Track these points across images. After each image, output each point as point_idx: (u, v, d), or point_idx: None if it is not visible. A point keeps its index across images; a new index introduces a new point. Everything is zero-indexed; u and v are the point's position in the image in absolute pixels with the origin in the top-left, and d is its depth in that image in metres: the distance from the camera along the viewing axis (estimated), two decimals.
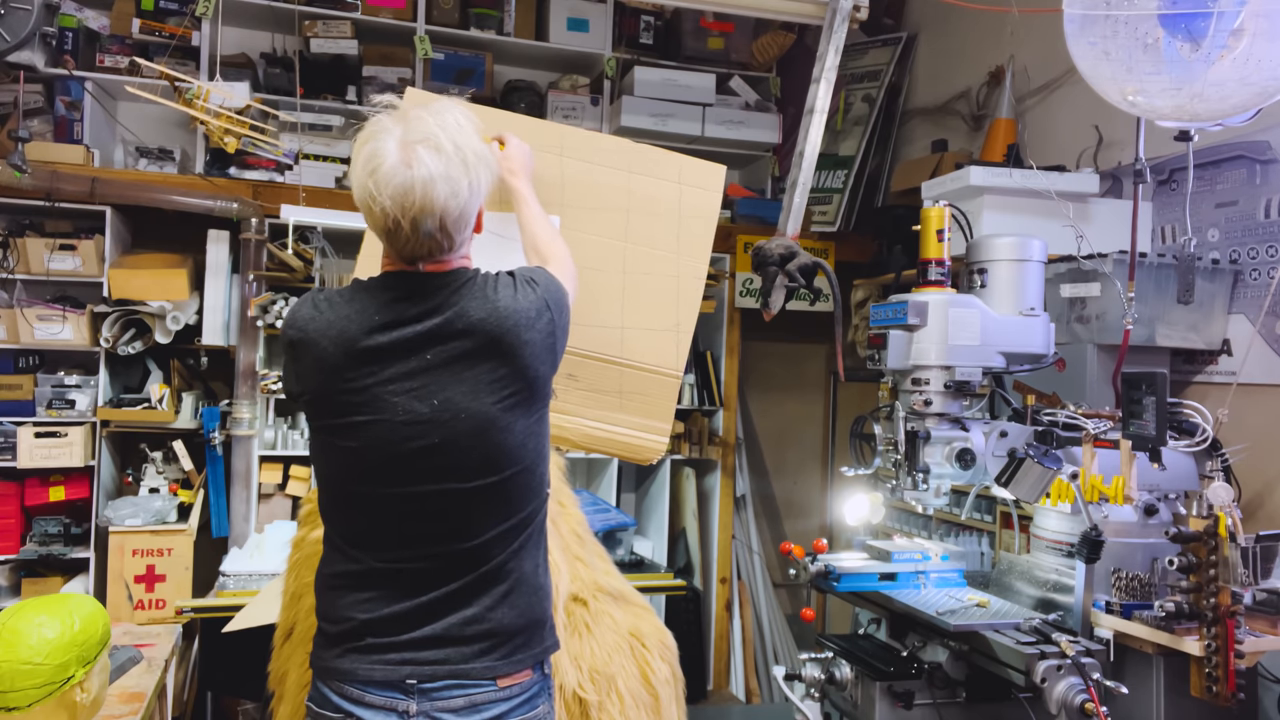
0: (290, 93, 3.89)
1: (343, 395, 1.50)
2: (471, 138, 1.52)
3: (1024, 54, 3.72)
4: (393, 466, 1.50)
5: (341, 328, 1.51)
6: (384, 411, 1.48)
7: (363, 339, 1.50)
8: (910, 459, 2.34)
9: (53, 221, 3.66)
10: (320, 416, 1.54)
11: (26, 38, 3.06)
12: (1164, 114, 2.20)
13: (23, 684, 2.01)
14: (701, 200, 2.16)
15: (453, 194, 1.46)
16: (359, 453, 1.51)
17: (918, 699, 2.24)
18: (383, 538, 1.53)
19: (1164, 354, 2.90)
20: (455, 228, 1.50)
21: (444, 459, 1.50)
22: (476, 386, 1.50)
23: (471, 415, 1.49)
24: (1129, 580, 2.32)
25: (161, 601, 3.50)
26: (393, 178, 1.44)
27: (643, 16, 4.47)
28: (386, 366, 1.49)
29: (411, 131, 1.46)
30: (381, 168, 1.45)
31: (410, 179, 1.44)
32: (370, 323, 1.50)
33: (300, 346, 1.53)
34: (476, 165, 1.50)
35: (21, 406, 3.56)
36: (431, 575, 1.52)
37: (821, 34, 2.78)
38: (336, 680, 1.52)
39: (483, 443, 1.51)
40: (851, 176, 4.48)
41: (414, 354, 1.50)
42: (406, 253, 1.51)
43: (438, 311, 1.51)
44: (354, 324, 1.51)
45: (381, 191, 1.44)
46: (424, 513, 1.52)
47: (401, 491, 1.51)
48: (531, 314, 1.54)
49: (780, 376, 4.92)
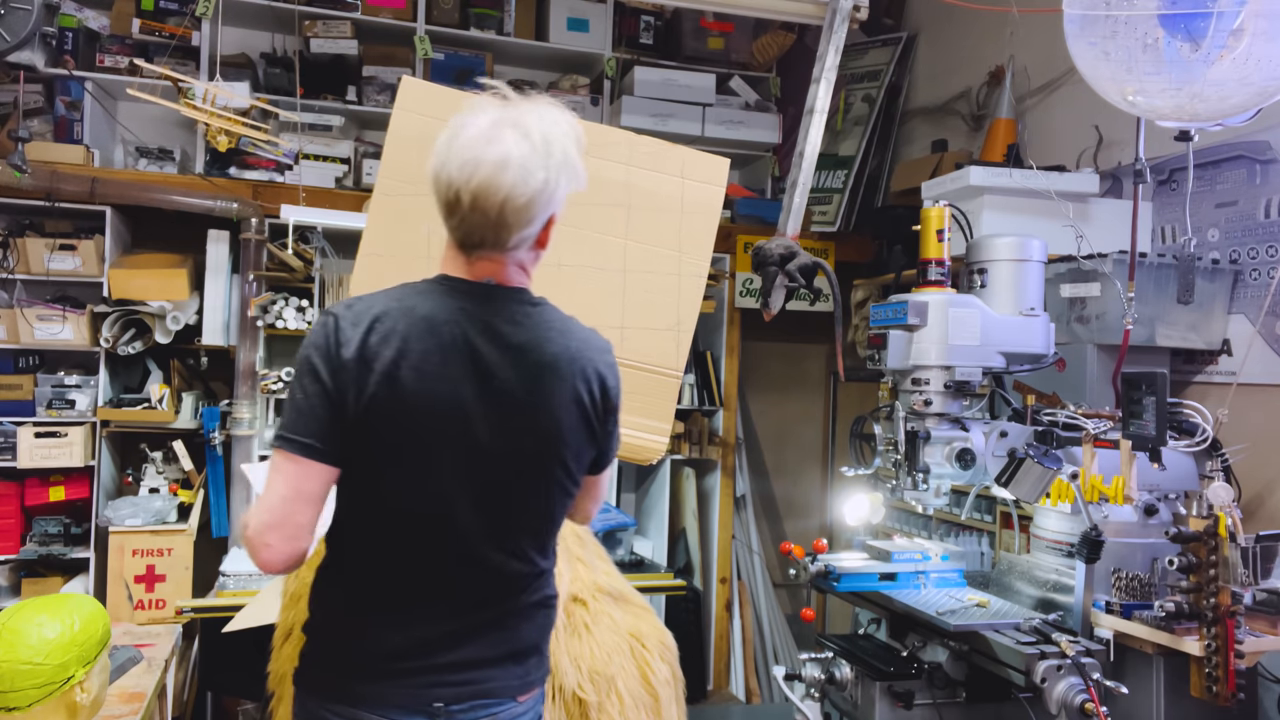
0: (290, 93, 3.89)
1: (407, 411, 1.40)
2: (567, 140, 1.42)
3: (1024, 54, 3.72)
4: (450, 486, 1.43)
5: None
6: (448, 430, 1.41)
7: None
8: (910, 459, 2.33)
9: (53, 221, 3.65)
10: (379, 430, 1.41)
11: (26, 38, 3.06)
12: (1164, 114, 2.20)
13: (23, 684, 2.01)
14: (704, 195, 2.15)
15: (523, 180, 1.36)
16: (418, 470, 1.42)
17: (918, 699, 2.24)
18: (424, 557, 1.45)
19: (1164, 354, 2.90)
20: (515, 219, 1.38)
21: (506, 477, 1.45)
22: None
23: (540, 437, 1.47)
24: (1129, 580, 2.32)
25: (161, 601, 3.50)
26: (467, 149, 1.36)
27: (643, 16, 4.47)
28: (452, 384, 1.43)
29: (507, 115, 1.39)
30: (460, 138, 1.37)
31: (483, 154, 1.35)
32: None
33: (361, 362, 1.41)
34: (559, 168, 1.39)
35: (21, 406, 3.56)
36: (467, 594, 1.46)
37: (821, 34, 2.78)
38: (348, 705, 1.43)
39: (545, 464, 1.47)
40: (851, 176, 4.48)
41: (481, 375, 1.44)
42: (460, 233, 1.42)
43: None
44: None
45: (451, 160, 1.37)
46: (470, 532, 1.44)
47: (448, 513, 1.43)
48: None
49: (780, 376, 4.92)
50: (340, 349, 1.37)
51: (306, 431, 1.36)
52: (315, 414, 1.37)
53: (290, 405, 1.39)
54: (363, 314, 1.40)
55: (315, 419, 1.37)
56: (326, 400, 1.37)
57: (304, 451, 1.36)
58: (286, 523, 1.36)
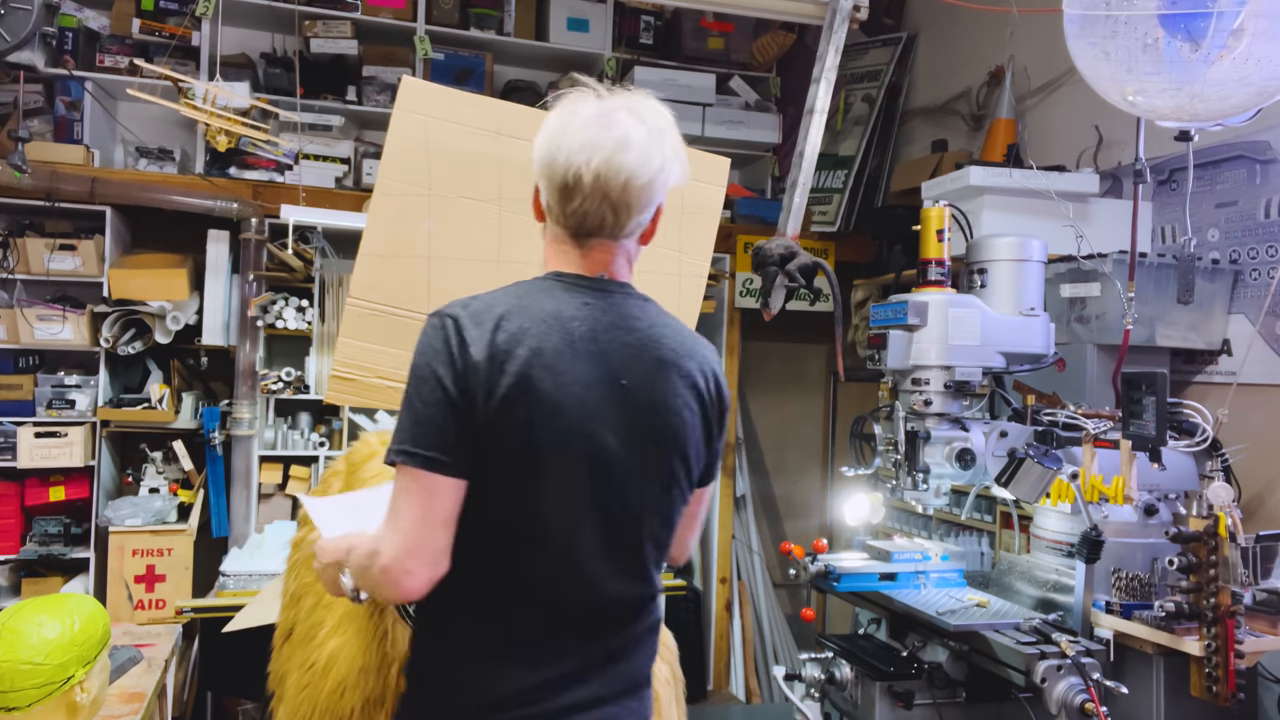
0: (290, 93, 3.89)
1: (542, 415, 1.30)
2: (672, 129, 1.39)
3: (1024, 54, 3.72)
4: (579, 500, 1.32)
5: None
6: (581, 437, 1.32)
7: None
8: (910, 459, 2.33)
9: (53, 221, 3.65)
10: (507, 438, 1.29)
11: (26, 38, 3.06)
12: (1164, 114, 2.20)
13: (23, 684, 2.01)
14: (704, 194, 2.15)
15: (644, 162, 1.32)
16: (545, 484, 1.30)
17: (918, 699, 2.23)
18: (547, 583, 1.33)
19: (1164, 354, 2.90)
20: (635, 200, 1.34)
21: (634, 487, 1.36)
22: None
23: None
24: (1129, 580, 2.32)
25: (161, 601, 3.50)
26: (584, 131, 1.32)
27: (643, 16, 4.47)
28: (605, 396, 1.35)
29: (618, 102, 1.35)
30: (574, 121, 1.33)
31: (602, 137, 1.31)
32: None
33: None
34: (673, 155, 1.37)
35: (21, 406, 3.56)
36: (590, 625, 1.36)
37: (821, 34, 2.78)
38: None
39: (669, 469, 1.39)
40: (851, 176, 4.48)
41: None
42: (575, 219, 1.35)
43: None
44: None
45: (568, 143, 1.32)
46: (596, 554, 1.34)
47: (574, 530, 1.33)
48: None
49: (780, 376, 4.92)
50: (466, 349, 1.26)
51: (430, 444, 1.25)
52: (438, 424, 1.26)
53: (408, 417, 1.28)
54: (483, 312, 1.30)
55: (439, 430, 1.26)
56: (450, 408, 1.26)
57: (431, 466, 1.25)
58: (425, 547, 1.25)
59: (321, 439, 3.87)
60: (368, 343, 2.01)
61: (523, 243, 2.07)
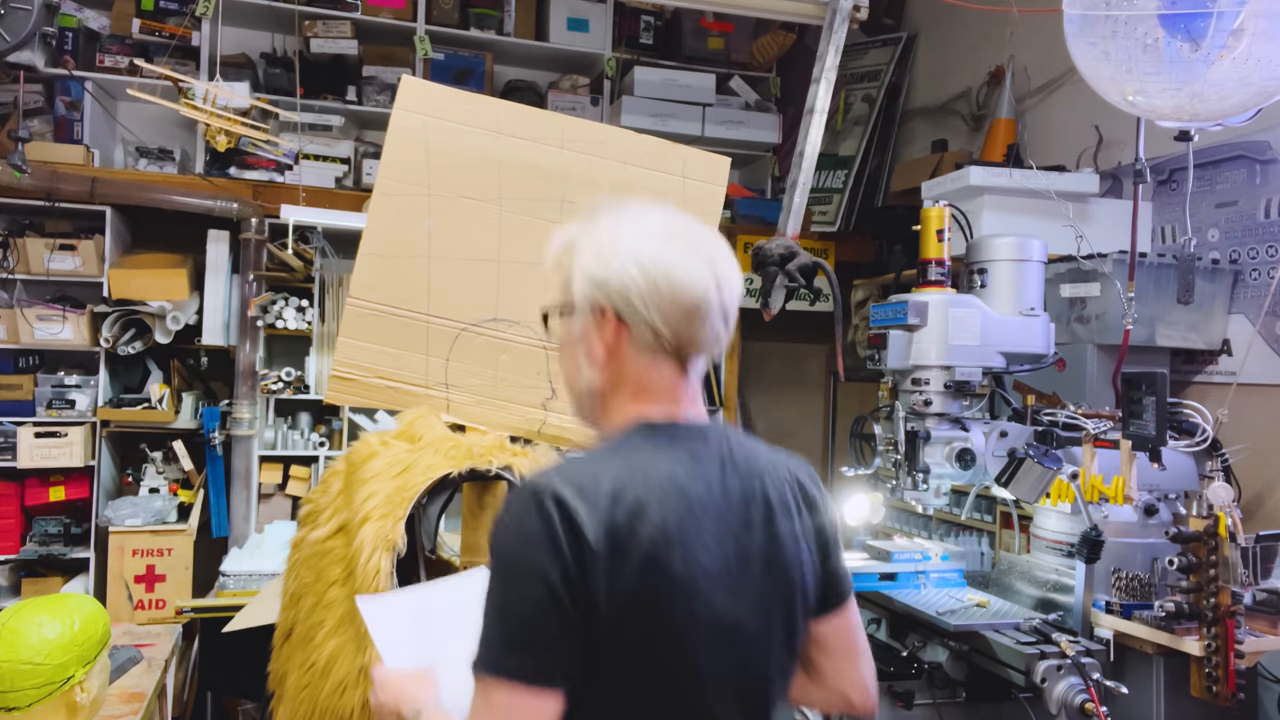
0: (290, 93, 3.89)
1: (678, 606, 1.11)
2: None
3: (1024, 54, 3.72)
4: (719, 695, 1.15)
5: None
6: (722, 622, 1.15)
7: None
8: (910, 459, 2.33)
9: (53, 221, 3.65)
10: (637, 636, 1.10)
11: (26, 38, 3.06)
12: (1164, 114, 2.20)
13: (23, 684, 2.01)
14: (705, 194, 2.15)
15: (738, 274, 1.25)
16: (682, 685, 1.12)
17: (918, 699, 2.23)
18: None
19: (1164, 354, 2.90)
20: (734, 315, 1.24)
21: (767, 668, 1.21)
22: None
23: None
24: (1129, 580, 2.32)
25: (161, 601, 3.50)
26: (684, 250, 1.17)
27: (643, 16, 4.47)
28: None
29: (669, 214, 1.23)
30: (659, 241, 1.18)
31: (700, 251, 1.18)
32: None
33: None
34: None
35: (21, 406, 3.56)
36: None
37: (821, 34, 2.78)
38: None
39: (792, 630, 1.23)
40: (851, 176, 4.48)
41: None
42: (692, 344, 1.19)
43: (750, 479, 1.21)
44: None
45: (679, 265, 1.17)
46: None
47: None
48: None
49: (780, 377, 4.92)
50: (578, 534, 1.05)
51: (531, 649, 1.03)
52: (539, 628, 1.04)
53: (499, 620, 1.06)
54: (591, 485, 1.08)
55: (540, 634, 1.04)
56: (557, 607, 1.04)
57: (531, 679, 1.03)
58: None
59: (321, 439, 3.87)
60: (368, 343, 2.01)
61: (522, 243, 2.07)
